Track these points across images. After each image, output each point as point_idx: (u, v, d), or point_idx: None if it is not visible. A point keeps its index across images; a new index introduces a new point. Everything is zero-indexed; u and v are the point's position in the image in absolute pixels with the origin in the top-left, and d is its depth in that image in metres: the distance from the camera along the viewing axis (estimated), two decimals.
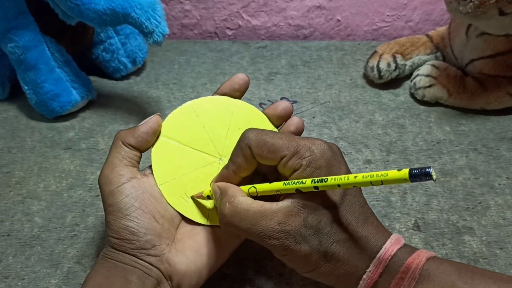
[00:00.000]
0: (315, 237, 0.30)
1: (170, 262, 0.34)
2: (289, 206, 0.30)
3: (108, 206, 0.34)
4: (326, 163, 0.30)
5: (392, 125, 0.56)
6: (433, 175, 0.23)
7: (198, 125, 0.38)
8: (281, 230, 0.30)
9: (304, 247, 0.30)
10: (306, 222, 0.30)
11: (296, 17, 0.77)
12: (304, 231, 0.30)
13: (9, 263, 0.41)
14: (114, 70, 0.65)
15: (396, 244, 0.31)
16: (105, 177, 0.35)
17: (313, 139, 0.32)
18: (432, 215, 0.44)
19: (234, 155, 0.34)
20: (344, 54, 0.70)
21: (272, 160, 0.32)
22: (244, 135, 0.33)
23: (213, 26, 0.79)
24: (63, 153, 0.53)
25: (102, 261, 0.33)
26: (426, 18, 0.76)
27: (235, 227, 0.31)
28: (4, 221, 0.45)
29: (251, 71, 0.67)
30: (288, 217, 0.30)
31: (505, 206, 0.45)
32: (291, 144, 0.31)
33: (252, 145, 0.32)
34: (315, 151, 0.30)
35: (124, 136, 0.36)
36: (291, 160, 0.31)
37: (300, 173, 0.30)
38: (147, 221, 0.34)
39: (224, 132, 0.38)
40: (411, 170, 0.24)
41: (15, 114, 0.60)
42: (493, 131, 0.54)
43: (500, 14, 0.48)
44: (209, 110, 0.38)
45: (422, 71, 0.59)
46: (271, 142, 0.32)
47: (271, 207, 0.31)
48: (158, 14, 0.48)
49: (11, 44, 0.54)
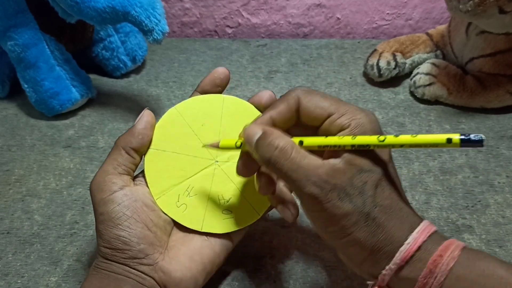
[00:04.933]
0: (359, 197, 0.29)
1: (164, 270, 0.33)
2: (337, 162, 0.29)
3: (100, 215, 0.33)
4: (372, 131, 0.30)
5: (392, 124, 0.56)
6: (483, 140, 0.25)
7: (187, 130, 0.36)
8: (326, 180, 0.28)
9: (346, 205, 0.28)
10: (352, 181, 0.29)
11: (296, 15, 0.77)
12: (350, 189, 0.29)
13: (8, 261, 0.41)
14: (114, 68, 0.65)
15: (431, 227, 0.29)
16: (97, 184, 0.34)
17: (358, 107, 0.31)
18: (431, 213, 0.44)
19: (278, 101, 0.32)
20: (344, 52, 0.70)
21: (317, 117, 0.31)
22: (295, 88, 0.32)
23: (213, 24, 0.79)
24: (62, 151, 0.53)
25: (94, 273, 0.33)
26: (426, 16, 0.76)
27: (277, 168, 0.30)
28: (4, 219, 0.45)
29: (251, 69, 0.67)
30: (335, 172, 0.29)
31: (504, 204, 0.45)
32: (340, 106, 0.31)
33: (302, 97, 0.31)
34: (364, 117, 0.30)
35: (125, 141, 0.35)
36: (340, 118, 0.30)
37: (348, 132, 0.30)
38: (140, 230, 0.33)
39: (215, 132, 0.37)
40: (461, 136, 0.26)
41: (15, 112, 0.60)
42: (493, 130, 0.54)
43: (500, 12, 0.48)
44: (196, 112, 0.37)
45: (422, 70, 0.59)
46: (320, 99, 0.31)
47: (319, 159, 0.29)
48: (158, 12, 0.48)
49: (11, 42, 0.54)
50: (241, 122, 0.34)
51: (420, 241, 0.28)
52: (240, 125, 0.34)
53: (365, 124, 0.30)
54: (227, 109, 0.37)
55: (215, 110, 0.37)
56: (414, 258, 0.28)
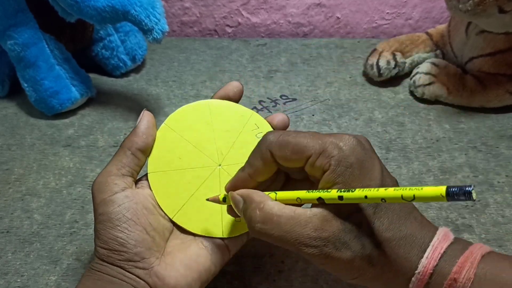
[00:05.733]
0: (356, 241, 0.27)
1: (159, 275, 0.32)
2: (324, 210, 0.28)
3: (99, 215, 0.33)
4: (356, 160, 0.28)
5: (392, 123, 0.56)
6: (473, 195, 0.21)
7: (182, 143, 0.36)
8: (318, 237, 0.27)
9: (346, 253, 0.27)
10: (345, 226, 0.28)
11: (295, 14, 0.77)
12: (344, 236, 0.27)
13: (8, 260, 0.41)
14: (114, 67, 0.65)
15: (445, 240, 0.28)
16: (99, 184, 0.34)
17: (340, 134, 0.29)
18: (431, 212, 0.44)
19: (252, 158, 0.32)
20: (344, 51, 0.70)
21: (297, 162, 0.30)
22: (265, 138, 0.31)
23: (212, 23, 0.79)
24: (62, 151, 0.53)
25: (89, 274, 0.33)
26: (425, 16, 0.76)
27: (267, 236, 0.29)
28: (4, 218, 0.45)
29: (250, 69, 0.67)
30: (324, 222, 0.28)
31: (504, 204, 0.45)
32: (316, 142, 0.29)
33: (274, 148, 0.30)
34: (343, 147, 0.28)
35: (129, 143, 0.35)
36: (319, 159, 0.28)
37: (331, 174, 0.28)
38: (138, 233, 0.32)
39: (210, 138, 0.37)
40: (448, 189, 0.22)
41: (15, 112, 0.60)
42: (493, 129, 0.54)
43: (500, 12, 0.48)
44: (186, 122, 0.37)
45: (421, 69, 0.59)
46: (294, 142, 0.29)
47: (305, 212, 0.28)
48: (157, 11, 0.48)
49: (11, 41, 0.54)
50: (231, 122, 0.36)
51: (431, 267, 0.27)
52: (230, 125, 0.36)
53: (347, 156, 0.28)
54: (215, 113, 0.37)
55: (203, 116, 0.37)
56: (430, 285, 0.27)
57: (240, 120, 0.37)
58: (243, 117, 0.37)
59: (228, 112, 0.38)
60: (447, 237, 0.28)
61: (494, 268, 0.27)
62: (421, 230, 0.29)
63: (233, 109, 0.38)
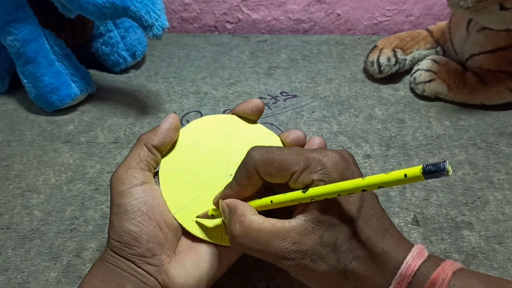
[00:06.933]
0: (333, 255, 0.28)
1: (169, 274, 0.33)
2: (302, 224, 0.29)
3: (115, 206, 0.33)
4: (339, 176, 0.29)
5: (392, 120, 0.56)
6: (448, 169, 0.21)
7: (228, 137, 0.37)
8: (296, 250, 0.28)
9: (322, 266, 0.28)
10: (322, 240, 0.28)
11: (296, 11, 0.77)
12: (321, 249, 0.28)
13: (8, 256, 0.41)
14: (114, 63, 0.65)
15: (419, 258, 0.29)
16: (118, 176, 0.34)
17: (323, 150, 0.30)
18: (431, 209, 0.44)
19: (238, 175, 0.32)
20: (344, 48, 0.70)
21: (282, 178, 0.30)
22: (249, 155, 0.31)
23: (213, 19, 0.79)
24: (62, 147, 0.53)
25: (100, 264, 0.33)
26: (426, 12, 0.76)
27: (246, 248, 0.30)
28: (4, 214, 0.45)
29: (250, 65, 0.67)
30: (303, 235, 0.28)
31: (504, 201, 0.45)
32: (300, 158, 0.29)
33: (259, 166, 0.31)
34: (326, 163, 0.29)
35: (147, 138, 0.35)
36: (302, 175, 0.29)
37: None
38: (152, 228, 0.33)
39: (228, 147, 0.37)
40: (425, 167, 0.22)
41: (15, 108, 0.60)
42: (493, 126, 0.54)
43: (501, 9, 0.48)
44: (247, 132, 0.38)
45: (422, 66, 0.59)
46: (278, 160, 0.30)
47: (283, 226, 0.29)
48: (157, 7, 0.48)
49: (11, 37, 0.54)
50: (251, 140, 0.37)
51: (405, 284, 0.28)
52: (250, 143, 0.36)
53: (330, 172, 0.29)
54: (240, 129, 0.38)
55: (226, 129, 0.38)
56: None
57: (261, 141, 0.37)
58: (263, 137, 0.38)
59: (252, 132, 0.38)
60: (421, 255, 0.29)
61: (464, 285, 0.28)
62: (397, 247, 0.29)
63: (258, 130, 0.38)
